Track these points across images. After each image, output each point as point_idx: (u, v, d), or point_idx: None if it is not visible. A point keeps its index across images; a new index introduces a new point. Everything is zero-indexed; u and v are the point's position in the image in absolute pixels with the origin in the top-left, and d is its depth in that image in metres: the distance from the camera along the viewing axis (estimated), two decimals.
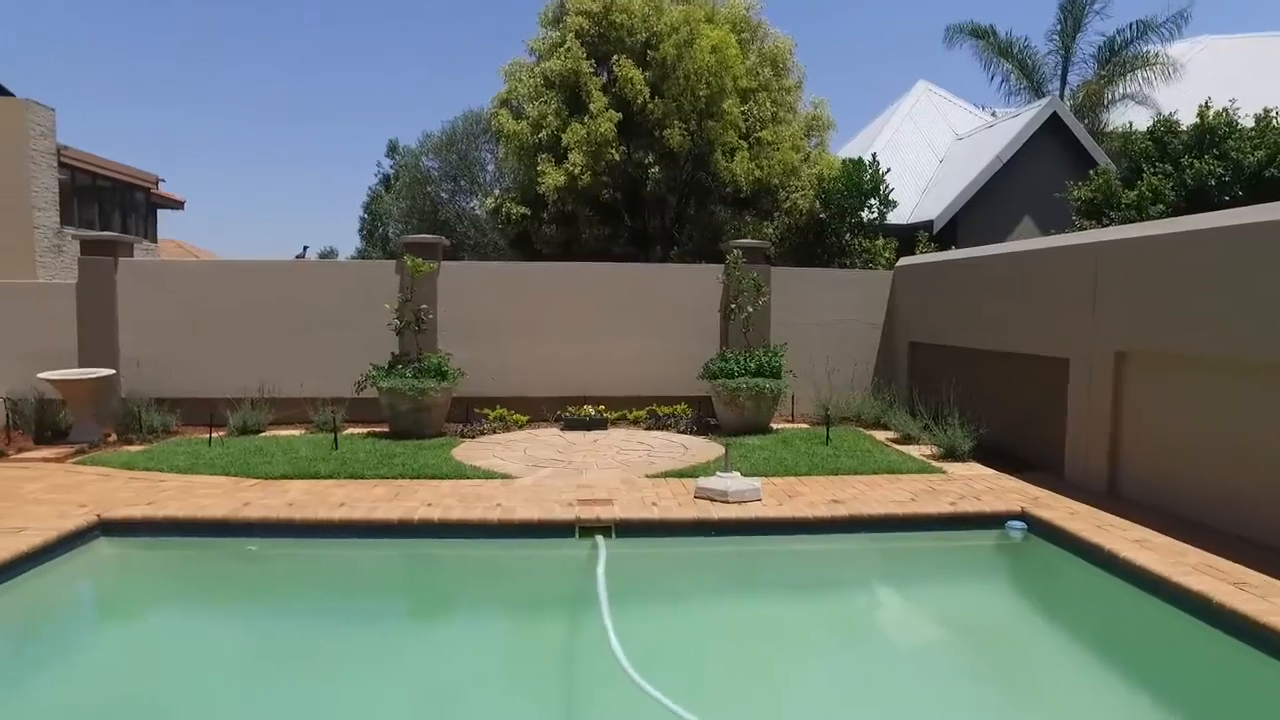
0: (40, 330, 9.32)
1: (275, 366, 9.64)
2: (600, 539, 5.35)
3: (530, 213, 14.75)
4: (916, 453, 7.88)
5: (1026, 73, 21.87)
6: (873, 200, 13.52)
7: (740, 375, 9.04)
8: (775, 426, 9.40)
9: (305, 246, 34.73)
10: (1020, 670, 4.29)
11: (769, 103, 14.23)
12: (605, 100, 13.51)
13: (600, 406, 9.77)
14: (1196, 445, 5.65)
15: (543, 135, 13.92)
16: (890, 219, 14.04)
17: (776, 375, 9.13)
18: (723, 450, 6.79)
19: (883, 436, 8.82)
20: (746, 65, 13.95)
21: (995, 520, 5.82)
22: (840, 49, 58.13)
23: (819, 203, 13.77)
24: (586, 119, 13.49)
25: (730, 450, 6.49)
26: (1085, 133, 15.93)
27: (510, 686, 4.08)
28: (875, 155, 14.05)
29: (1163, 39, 20.30)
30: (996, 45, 21.73)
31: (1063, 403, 7.00)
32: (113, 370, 9.06)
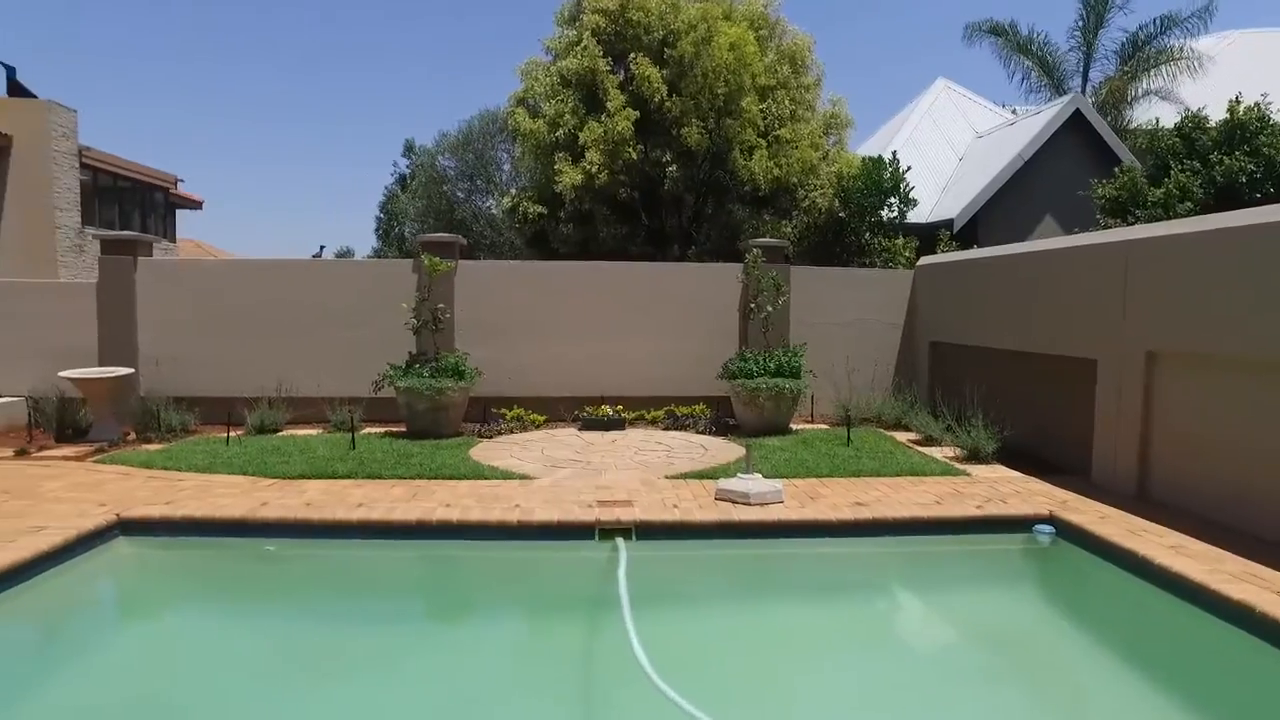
0: (61, 329, 9.39)
1: (292, 365, 9.64)
2: (620, 541, 5.28)
3: (547, 212, 14.70)
4: (939, 454, 7.76)
5: (1047, 70, 21.60)
6: (892, 199, 13.39)
7: (760, 375, 8.94)
8: (795, 427, 9.31)
9: (322, 246, 34.86)
10: (1050, 679, 4.16)
11: (787, 100, 14.07)
12: (622, 99, 13.43)
13: (618, 407, 9.70)
14: (1231, 448, 5.50)
15: (559, 134, 13.86)
16: (910, 217, 13.89)
17: (796, 375, 9.03)
18: (742, 451, 6.70)
19: (904, 438, 8.70)
20: (765, 63, 13.81)
21: (1022, 524, 5.70)
22: (858, 47, 57.74)
23: (838, 201, 13.65)
24: (604, 117, 13.42)
25: (751, 451, 6.41)
26: (1109, 129, 15.66)
27: (530, 689, 4.02)
28: (895, 153, 13.92)
29: (1188, 34, 19.98)
30: (1016, 42, 21.50)
31: (1089, 404, 6.86)
32: (132, 369, 9.10)
